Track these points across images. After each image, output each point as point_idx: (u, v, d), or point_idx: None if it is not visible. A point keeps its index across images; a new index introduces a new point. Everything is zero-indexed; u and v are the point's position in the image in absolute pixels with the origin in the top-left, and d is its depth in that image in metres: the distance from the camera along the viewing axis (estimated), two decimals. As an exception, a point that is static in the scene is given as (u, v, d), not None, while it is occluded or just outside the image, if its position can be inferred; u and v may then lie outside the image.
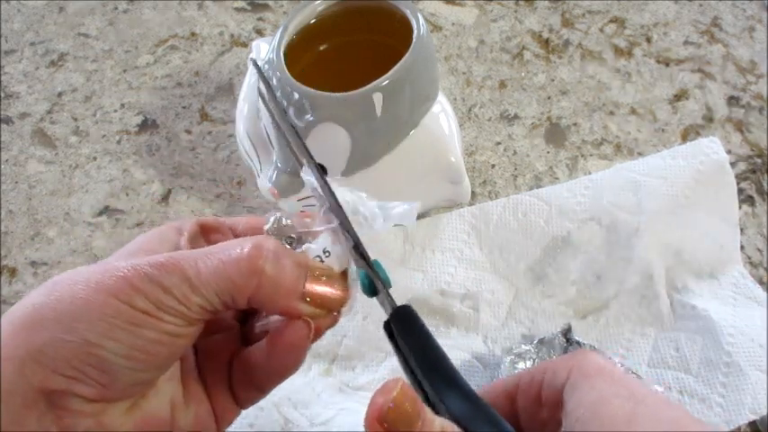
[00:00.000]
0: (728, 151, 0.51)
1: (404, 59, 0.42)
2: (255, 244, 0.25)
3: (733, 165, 0.51)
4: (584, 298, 0.46)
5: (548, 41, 0.61)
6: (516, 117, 0.56)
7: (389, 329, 0.27)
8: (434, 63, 0.47)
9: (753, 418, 0.41)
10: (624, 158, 0.53)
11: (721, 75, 0.59)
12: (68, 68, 0.61)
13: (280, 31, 0.45)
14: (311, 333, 0.26)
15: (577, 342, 0.43)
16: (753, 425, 0.41)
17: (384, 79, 0.42)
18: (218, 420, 0.28)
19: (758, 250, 0.49)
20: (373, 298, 0.28)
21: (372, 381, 0.43)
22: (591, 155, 0.54)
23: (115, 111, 0.58)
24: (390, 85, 0.42)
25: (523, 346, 0.43)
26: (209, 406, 0.28)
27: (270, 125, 0.45)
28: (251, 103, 0.47)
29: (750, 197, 0.52)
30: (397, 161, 0.45)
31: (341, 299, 0.27)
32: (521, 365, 0.42)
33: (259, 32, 0.62)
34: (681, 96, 0.58)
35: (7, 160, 0.55)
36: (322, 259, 0.27)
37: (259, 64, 0.47)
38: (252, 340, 0.29)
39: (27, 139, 0.56)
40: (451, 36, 0.62)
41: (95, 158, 0.55)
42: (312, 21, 0.47)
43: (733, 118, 0.56)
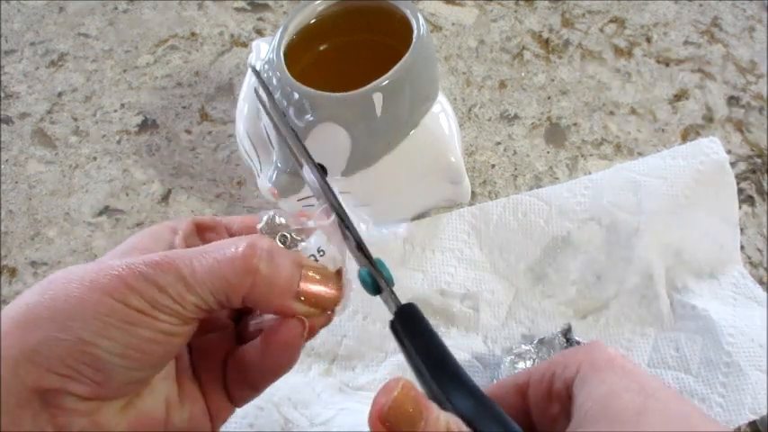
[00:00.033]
0: (728, 151, 0.51)
1: (404, 59, 0.42)
2: (250, 243, 0.25)
3: (733, 165, 0.51)
4: (584, 298, 0.46)
5: (548, 41, 0.61)
6: (516, 117, 0.56)
7: (395, 328, 0.27)
8: (434, 63, 0.47)
9: (753, 418, 0.41)
10: (624, 158, 0.53)
11: (721, 75, 0.59)
12: (68, 68, 0.61)
13: (280, 31, 0.45)
14: (305, 332, 0.27)
15: (577, 342, 0.43)
16: (753, 425, 0.41)
17: (384, 79, 0.42)
18: (213, 419, 0.28)
19: (758, 250, 0.49)
20: (376, 297, 0.28)
21: (372, 381, 0.43)
22: (591, 155, 0.54)
23: (115, 111, 0.58)
24: (390, 85, 0.42)
25: (523, 346, 0.43)
26: (203, 404, 0.28)
27: (270, 126, 0.45)
28: (251, 103, 0.47)
29: (750, 197, 0.52)
30: (397, 161, 0.45)
31: (335, 298, 0.27)
32: (521, 365, 0.42)
33: (259, 32, 0.62)
34: (681, 96, 0.58)
35: (7, 160, 0.55)
36: (316, 258, 0.27)
37: (259, 64, 0.47)
38: (246, 339, 0.29)
39: (27, 139, 0.56)
40: (451, 36, 0.62)
41: (95, 158, 0.55)
42: (312, 21, 0.47)
43: (733, 118, 0.56)
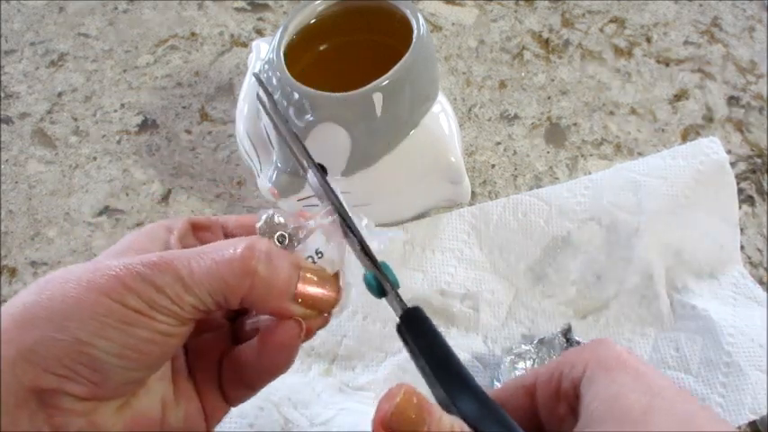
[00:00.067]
0: (728, 151, 0.51)
1: (404, 59, 0.42)
2: (248, 245, 0.25)
3: (733, 165, 0.51)
4: (584, 298, 0.46)
5: (548, 41, 0.61)
6: (516, 117, 0.56)
7: (401, 331, 0.26)
8: (434, 63, 0.47)
9: (753, 418, 0.41)
10: (624, 158, 0.53)
11: (721, 75, 0.59)
12: (68, 68, 0.61)
13: (280, 31, 0.45)
14: (302, 333, 0.27)
15: (577, 342, 0.43)
16: (753, 425, 0.41)
17: (384, 79, 0.42)
18: (208, 418, 0.28)
19: (758, 250, 0.49)
20: (382, 299, 0.28)
21: (372, 381, 0.43)
22: (591, 155, 0.54)
23: (115, 111, 0.58)
24: (390, 85, 0.42)
25: (523, 346, 0.43)
26: (199, 404, 0.28)
27: (270, 127, 0.45)
28: (251, 103, 0.47)
29: (750, 197, 0.52)
30: (397, 161, 0.45)
31: (332, 300, 0.27)
32: (521, 365, 0.42)
33: (259, 32, 0.62)
34: (681, 96, 0.58)
35: (7, 160, 0.55)
36: (314, 260, 0.27)
37: (259, 64, 0.47)
38: (242, 338, 0.29)
39: (27, 139, 0.56)
40: (451, 36, 0.62)
41: (95, 158, 0.55)
42: (312, 21, 0.47)
43: (733, 118, 0.56)
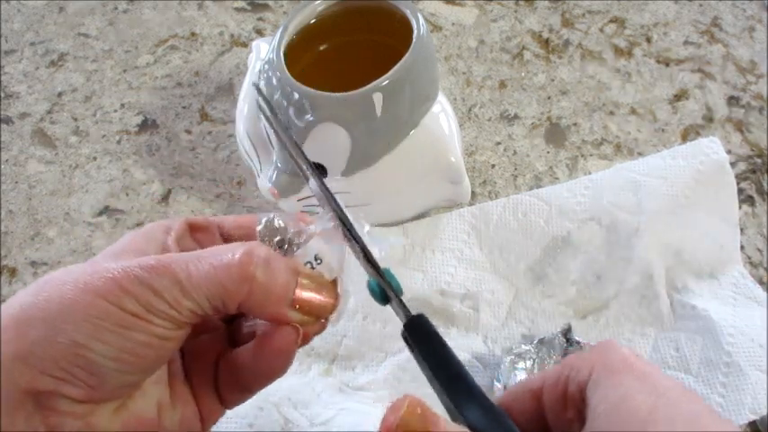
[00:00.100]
0: (728, 151, 0.51)
1: (404, 59, 0.42)
2: (247, 250, 0.25)
3: (733, 165, 0.51)
4: (584, 298, 0.46)
5: (548, 41, 0.61)
6: (516, 117, 0.56)
7: (405, 338, 0.26)
8: (434, 63, 0.47)
9: (753, 418, 0.41)
10: (624, 158, 0.53)
11: (721, 75, 0.59)
12: (68, 68, 0.61)
13: (280, 31, 0.45)
14: (299, 339, 0.27)
15: (577, 342, 0.43)
16: (753, 425, 0.41)
17: (384, 79, 0.42)
18: (204, 420, 0.28)
19: (758, 250, 0.49)
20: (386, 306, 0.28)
21: (372, 381, 0.43)
22: (591, 155, 0.54)
23: (115, 111, 0.58)
24: (390, 85, 0.42)
25: (523, 346, 0.43)
26: (194, 406, 0.28)
27: (270, 130, 0.45)
28: (251, 103, 0.47)
29: (750, 197, 0.52)
30: (397, 161, 0.45)
31: (330, 307, 0.27)
32: (521, 365, 0.42)
33: (259, 32, 0.62)
34: (681, 96, 0.58)
35: (7, 160, 0.55)
36: (313, 266, 0.27)
37: (259, 64, 0.47)
38: (238, 341, 0.29)
39: (27, 139, 0.56)
40: (451, 36, 0.62)
41: (95, 158, 0.55)
42: (312, 21, 0.47)
43: (733, 118, 0.56)
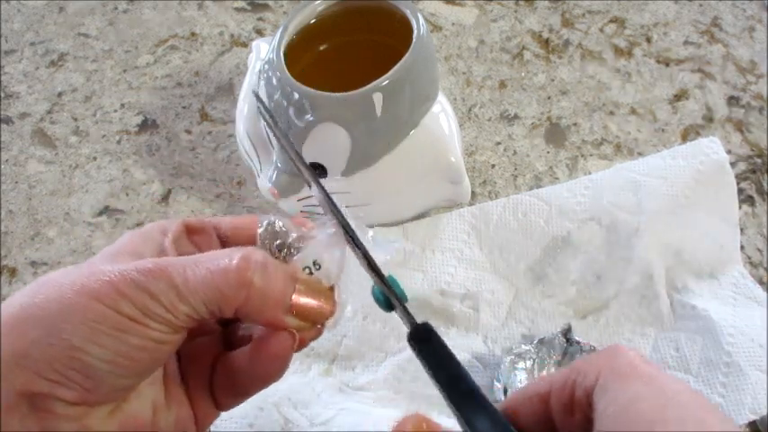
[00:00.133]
0: (728, 151, 0.51)
1: (404, 59, 0.42)
2: (244, 255, 0.25)
3: (733, 165, 0.51)
4: (584, 298, 0.46)
5: (548, 41, 0.61)
6: (516, 117, 0.56)
7: (411, 345, 0.26)
8: (434, 63, 0.47)
9: (753, 418, 0.41)
10: (624, 158, 0.53)
11: (721, 75, 0.59)
12: (68, 68, 0.61)
13: (280, 31, 0.45)
14: (295, 344, 0.27)
15: (577, 342, 0.43)
16: (753, 425, 0.41)
17: (384, 79, 0.42)
18: (198, 422, 0.28)
19: (758, 250, 0.49)
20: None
21: (372, 381, 0.43)
22: (591, 155, 0.54)
23: (115, 111, 0.58)
24: (390, 85, 0.42)
25: (523, 346, 0.43)
26: (189, 408, 0.28)
27: (272, 136, 0.45)
28: (251, 103, 0.47)
29: (750, 197, 0.52)
30: (397, 161, 0.45)
31: (327, 313, 0.27)
32: (521, 365, 0.42)
33: (259, 32, 0.62)
34: (681, 96, 0.58)
35: (7, 160, 0.55)
36: (311, 271, 0.27)
37: (259, 64, 0.47)
38: (235, 344, 0.29)
39: (27, 139, 0.56)
40: (451, 36, 0.62)
41: (95, 158, 0.55)
42: (312, 21, 0.47)
43: (733, 118, 0.56)
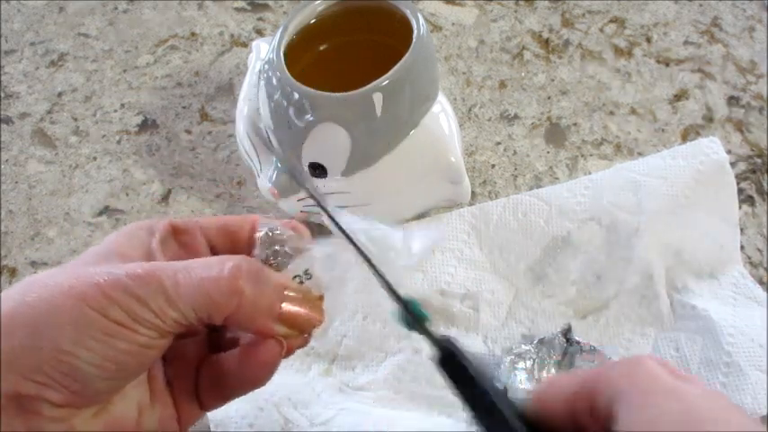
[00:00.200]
0: (728, 151, 0.51)
1: (404, 59, 0.42)
2: (236, 264, 0.25)
3: (733, 165, 0.51)
4: (584, 298, 0.46)
5: (548, 41, 0.61)
6: (516, 117, 0.56)
7: (437, 366, 0.26)
8: (434, 63, 0.47)
9: (753, 417, 0.41)
10: (624, 158, 0.53)
11: (721, 75, 0.59)
12: (68, 68, 0.61)
13: (280, 31, 0.45)
14: (283, 352, 0.27)
15: (577, 342, 0.43)
16: (753, 425, 0.41)
17: (384, 79, 0.42)
18: (182, 422, 0.28)
19: (758, 250, 0.49)
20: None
21: (372, 381, 0.43)
22: (591, 155, 0.54)
23: (115, 111, 0.58)
24: (390, 85, 0.42)
25: (523, 346, 0.43)
26: (173, 409, 0.28)
27: (270, 128, 0.45)
28: (251, 103, 0.47)
29: (750, 197, 0.52)
30: (397, 161, 0.45)
31: (315, 322, 0.27)
32: (521, 365, 0.42)
33: (259, 32, 0.62)
34: (681, 96, 0.58)
35: (7, 160, 0.55)
36: (302, 280, 0.27)
37: (259, 64, 0.47)
38: (221, 346, 0.29)
39: (27, 139, 0.56)
40: (451, 36, 0.62)
41: (95, 158, 0.55)
42: (312, 21, 0.47)
43: (733, 118, 0.56)
